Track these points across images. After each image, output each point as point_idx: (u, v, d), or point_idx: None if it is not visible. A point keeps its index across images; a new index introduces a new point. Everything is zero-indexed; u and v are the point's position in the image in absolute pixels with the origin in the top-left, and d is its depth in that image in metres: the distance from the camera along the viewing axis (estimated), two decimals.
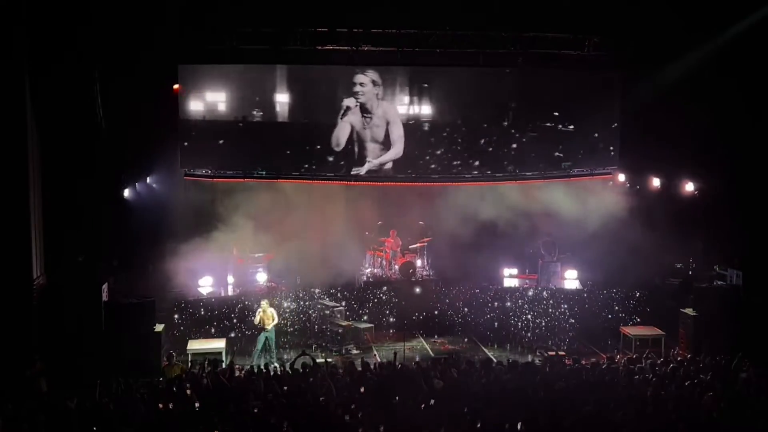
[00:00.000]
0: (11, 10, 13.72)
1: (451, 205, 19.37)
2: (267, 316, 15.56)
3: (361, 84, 18.91)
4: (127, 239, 17.22)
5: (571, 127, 19.59)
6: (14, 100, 13.90)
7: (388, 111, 19.17)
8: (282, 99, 18.84)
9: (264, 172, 19.06)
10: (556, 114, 19.56)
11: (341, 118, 18.94)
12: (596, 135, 19.70)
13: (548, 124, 19.58)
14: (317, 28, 17.55)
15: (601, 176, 19.97)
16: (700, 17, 16.23)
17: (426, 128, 19.21)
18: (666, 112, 17.72)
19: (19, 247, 13.99)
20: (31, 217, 14.22)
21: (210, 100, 18.61)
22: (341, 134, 19.06)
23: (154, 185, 18.59)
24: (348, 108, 18.90)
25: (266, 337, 15.49)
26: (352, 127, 19.08)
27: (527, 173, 19.78)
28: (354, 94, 18.89)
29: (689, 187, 18.31)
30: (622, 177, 19.87)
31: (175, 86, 18.13)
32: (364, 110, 19.01)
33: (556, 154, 19.68)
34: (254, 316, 15.84)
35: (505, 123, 19.49)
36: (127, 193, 17.72)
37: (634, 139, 19.06)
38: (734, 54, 16.14)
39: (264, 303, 15.79)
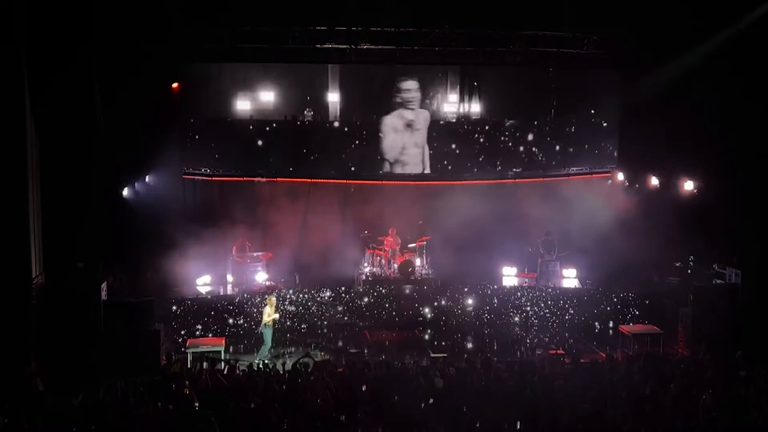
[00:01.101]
0: (11, 6, 13.70)
1: (451, 204, 19.39)
2: (273, 310, 15.66)
3: (407, 90, 19.09)
4: (125, 238, 17.19)
5: (570, 125, 19.66)
6: (13, 98, 13.88)
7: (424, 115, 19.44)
8: (280, 99, 18.95)
9: (263, 172, 19.11)
10: (556, 112, 19.64)
11: (393, 128, 19.10)
12: (595, 134, 19.75)
13: (547, 123, 19.66)
14: (316, 27, 17.55)
15: (600, 175, 20.00)
16: (700, 16, 16.21)
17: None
18: (665, 111, 17.73)
19: (18, 245, 13.95)
20: (29, 215, 14.19)
21: (209, 99, 18.65)
22: (395, 143, 19.30)
23: (152, 184, 18.58)
24: (402, 117, 19.08)
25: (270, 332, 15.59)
26: (399, 134, 19.31)
27: (526, 172, 19.83)
28: (405, 102, 19.05)
29: (688, 185, 18.31)
30: (621, 176, 19.87)
31: (174, 85, 18.13)
32: (411, 116, 19.26)
33: (555, 152, 19.79)
34: (264, 312, 15.73)
35: (506, 122, 19.65)
36: (126, 192, 17.70)
37: (633, 138, 19.08)
38: (734, 53, 16.12)
39: (273, 297, 15.88)
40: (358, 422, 9.45)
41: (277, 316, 15.71)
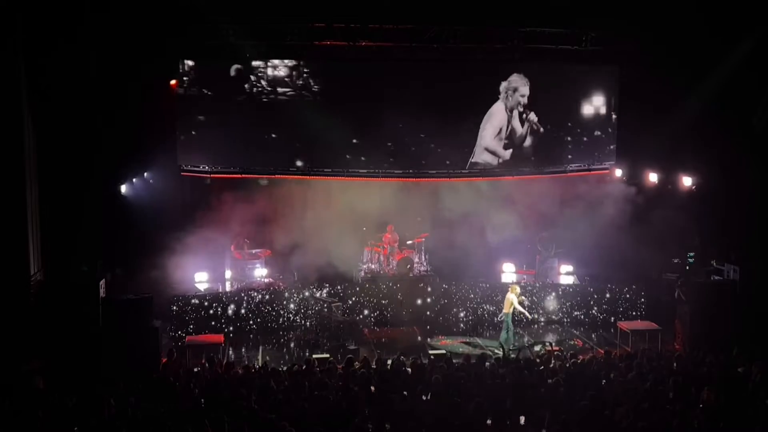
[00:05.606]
0: (9, 3, 13.69)
1: (449, 200, 19.38)
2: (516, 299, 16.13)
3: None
4: (123, 235, 17.19)
5: (569, 121, 19.64)
6: (10, 94, 13.89)
7: None
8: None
9: (260, 168, 19.09)
10: (554, 109, 19.59)
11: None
12: (593, 130, 19.73)
13: (545, 119, 19.63)
14: (314, 23, 17.53)
15: (599, 171, 19.99)
16: (697, 13, 16.21)
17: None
18: (663, 107, 17.74)
19: (16, 243, 13.98)
20: (28, 213, 14.21)
21: (207, 96, 18.59)
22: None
23: (150, 181, 18.56)
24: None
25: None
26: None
27: (524, 168, 19.81)
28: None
29: (686, 182, 18.33)
30: (619, 172, 19.88)
31: (172, 81, 18.11)
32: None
33: (553, 148, 19.76)
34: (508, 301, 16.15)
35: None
36: (124, 188, 17.69)
37: (632, 134, 19.08)
38: (731, 52, 16.17)
39: (517, 287, 16.39)
40: (364, 421, 9.42)
41: (519, 300, 16.10)
